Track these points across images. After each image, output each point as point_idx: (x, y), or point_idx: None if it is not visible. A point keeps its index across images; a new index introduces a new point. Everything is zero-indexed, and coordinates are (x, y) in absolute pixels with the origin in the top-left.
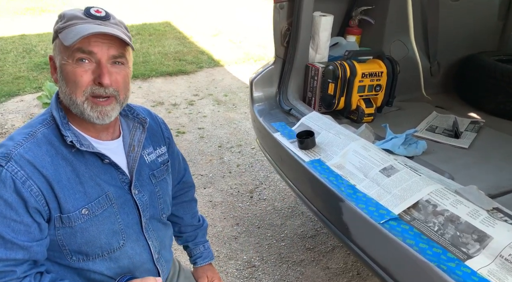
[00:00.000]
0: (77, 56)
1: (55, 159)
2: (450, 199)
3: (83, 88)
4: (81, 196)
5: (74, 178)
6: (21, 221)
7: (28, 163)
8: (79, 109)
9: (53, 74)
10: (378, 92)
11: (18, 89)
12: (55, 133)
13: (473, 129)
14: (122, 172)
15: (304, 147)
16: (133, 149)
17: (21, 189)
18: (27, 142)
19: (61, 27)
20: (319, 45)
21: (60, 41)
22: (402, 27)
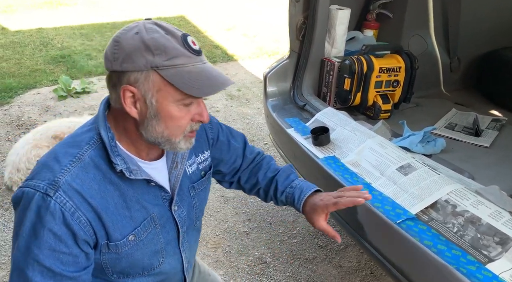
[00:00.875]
0: (187, 102)
1: (102, 185)
2: (470, 200)
3: (184, 129)
4: (127, 222)
5: (121, 203)
6: (70, 252)
7: (76, 192)
8: (171, 146)
9: (129, 107)
10: (396, 88)
11: (35, 82)
12: (102, 156)
13: (495, 128)
14: (165, 190)
15: (319, 144)
16: (176, 165)
17: (70, 221)
18: (75, 167)
19: (165, 65)
20: (336, 39)
21: (162, 79)
22: (421, 21)
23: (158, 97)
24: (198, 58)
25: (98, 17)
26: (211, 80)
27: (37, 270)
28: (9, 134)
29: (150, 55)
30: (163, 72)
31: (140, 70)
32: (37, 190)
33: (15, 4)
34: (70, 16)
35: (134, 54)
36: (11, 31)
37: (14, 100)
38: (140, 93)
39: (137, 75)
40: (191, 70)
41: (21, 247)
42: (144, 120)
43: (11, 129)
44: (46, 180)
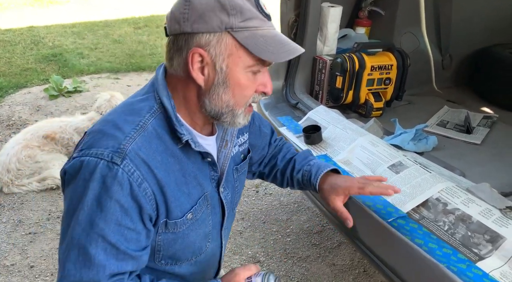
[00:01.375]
0: (255, 69)
1: (164, 157)
2: (461, 197)
3: (248, 99)
4: (186, 199)
5: (181, 177)
6: (134, 228)
7: (142, 162)
8: (232, 119)
9: (196, 72)
10: (388, 86)
11: (25, 81)
12: (164, 126)
13: (486, 125)
14: (215, 169)
15: (311, 142)
16: (226, 144)
17: (138, 193)
18: (139, 135)
19: (240, 27)
20: (327, 37)
21: (235, 42)
22: (413, 19)
23: (228, 62)
24: (269, 23)
25: (90, 15)
26: (285, 45)
27: (101, 247)
28: None
29: (225, 16)
30: (238, 35)
31: (214, 31)
32: (100, 158)
33: (5, 2)
34: (61, 15)
35: (208, 14)
36: (1, 30)
37: (4, 100)
38: (210, 57)
39: (209, 37)
40: (265, 34)
41: (83, 221)
42: (211, 88)
43: (1, 129)
44: (109, 147)
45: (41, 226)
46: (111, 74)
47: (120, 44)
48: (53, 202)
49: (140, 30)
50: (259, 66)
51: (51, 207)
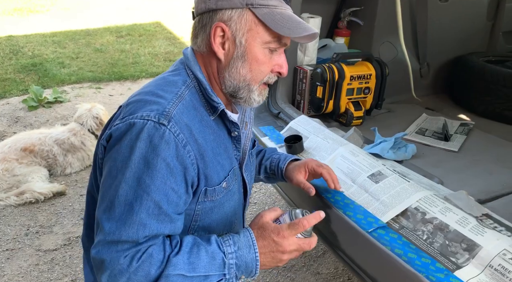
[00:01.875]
0: (273, 46)
1: (202, 126)
2: (439, 206)
3: (264, 77)
4: (220, 168)
5: (216, 147)
6: (177, 190)
7: (186, 126)
8: (248, 94)
9: (217, 46)
10: (367, 95)
11: (4, 91)
12: (198, 98)
13: (463, 132)
14: (238, 148)
15: (292, 152)
16: (246, 125)
17: (183, 154)
18: (180, 102)
19: (260, 4)
20: (307, 48)
21: (254, 18)
22: (391, 29)
23: (247, 37)
24: (286, 5)
25: (72, 24)
26: (300, 23)
27: (145, 206)
28: None
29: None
30: (257, 11)
31: (236, 7)
32: (147, 119)
33: None
34: (42, 23)
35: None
36: None
37: None
38: (231, 32)
39: (231, 13)
40: (282, 13)
41: (130, 179)
42: (230, 61)
43: None
44: (155, 110)
45: (19, 242)
46: (93, 83)
47: (102, 53)
48: (31, 217)
49: (123, 39)
50: (276, 43)
51: (29, 222)
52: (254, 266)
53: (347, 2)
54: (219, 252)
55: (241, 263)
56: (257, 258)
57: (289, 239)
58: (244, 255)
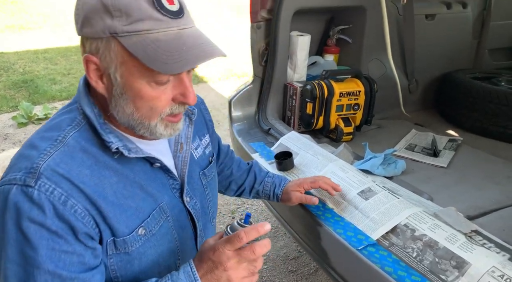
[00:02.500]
0: (160, 79)
1: (95, 171)
2: (428, 223)
3: (161, 112)
4: (133, 213)
5: (121, 190)
6: (73, 251)
7: (62, 178)
8: (148, 130)
9: (95, 81)
10: (357, 111)
11: None
12: (90, 137)
13: (451, 148)
14: (172, 176)
15: (283, 168)
16: (181, 147)
17: (64, 212)
18: (56, 150)
19: (127, 31)
20: (297, 65)
21: (124, 49)
22: (379, 46)
23: (122, 72)
24: (173, 21)
25: (64, 40)
26: (183, 52)
27: (42, 279)
28: None
29: (108, 18)
30: (124, 41)
31: (99, 37)
32: (13, 183)
33: None
34: (34, 40)
35: (92, 17)
36: None
37: None
38: (103, 65)
39: (97, 43)
40: (159, 38)
41: (13, 255)
42: (112, 99)
43: None
44: (23, 169)
45: None
46: None
47: None
48: None
49: None
50: (163, 76)
51: None
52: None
53: (336, 21)
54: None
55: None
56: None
57: (226, 253)
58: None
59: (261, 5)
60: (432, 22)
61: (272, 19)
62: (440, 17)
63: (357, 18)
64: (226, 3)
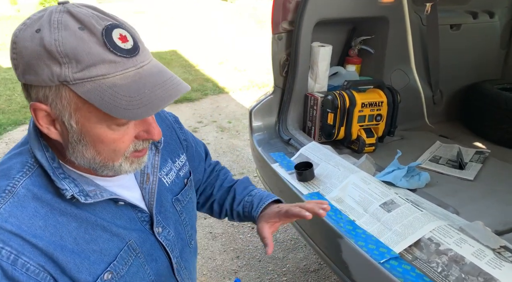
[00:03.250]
0: (119, 122)
1: (50, 220)
2: (454, 237)
3: (124, 151)
4: (97, 258)
5: (82, 235)
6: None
7: (12, 235)
8: (112, 170)
9: (46, 128)
10: (379, 122)
11: (24, 118)
12: (43, 183)
13: (478, 160)
14: (140, 209)
15: (303, 179)
16: (148, 178)
17: (13, 272)
18: (4, 203)
19: (78, 78)
20: (318, 75)
21: (77, 97)
22: (402, 57)
23: (78, 118)
24: (129, 61)
25: None
26: (145, 95)
27: None
28: None
29: (56, 66)
30: (77, 88)
31: (47, 85)
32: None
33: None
34: None
35: (36, 64)
36: (4, 68)
37: (2, 137)
38: (55, 113)
39: (45, 91)
40: (116, 84)
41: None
42: (69, 145)
43: None
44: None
45: None
46: None
47: None
48: None
49: None
50: (123, 120)
51: None
52: None
53: (358, 31)
54: None
55: None
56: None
57: None
58: None
59: (283, 16)
60: (458, 32)
61: (294, 30)
62: (466, 27)
63: (380, 28)
64: (248, 15)
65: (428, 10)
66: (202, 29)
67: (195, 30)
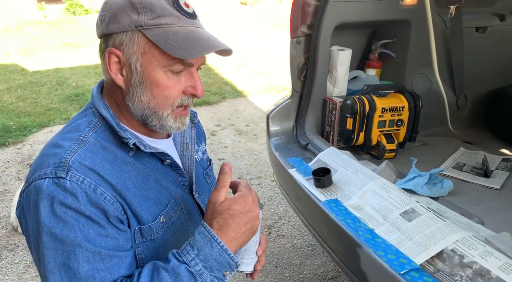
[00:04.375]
0: (175, 68)
1: (115, 165)
2: (478, 249)
3: (173, 101)
4: (153, 203)
5: (140, 183)
6: (107, 234)
7: (90, 170)
8: (160, 122)
9: (114, 73)
10: (400, 127)
11: (48, 120)
12: (107, 137)
13: (505, 168)
14: (181, 173)
15: (320, 185)
16: (187, 147)
17: (95, 198)
18: (80, 148)
19: (151, 24)
20: (337, 79)
21: (147, 40)
22: (424, 60)
23: (143, 62)
24: (189, 20)
25: None
26: (199, 42)
27: (82, 258)
28: (19, 173)
29: (135, 14)
30: (148, 32)
31: (125, 30)
32: (44, 177)
33: (35, 46)
34: (86, 56)
35: (120, 14)
36: (30, 72)
37: (27, 139)
38: (125, 57)
39: (122, 36)
40: (178, 31)
41: (50, 242)
42: (129, 88)
43: (22, 168)
44: (51, 165)
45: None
46: None
47: None
48: None
49: None
50: (178, 65)
51: None
52: (226, 256)
53: (379, 35)
54: (179, 264)
55: (210, 263)
56: (223, 247)
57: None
58: (208, 254)
59: (302, 20)
60: (484, 35)
61: (312, 34)
62: (492, 29)
63: (401, 32)
64: (267, 19)
65: (452, 12)
66: (220, 32)
67: (214, 33)
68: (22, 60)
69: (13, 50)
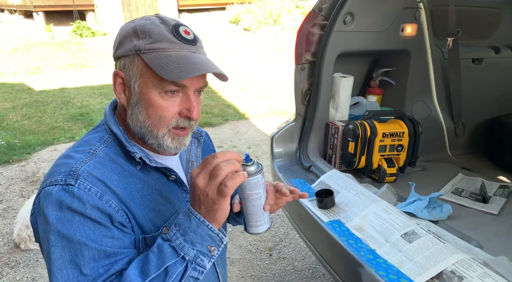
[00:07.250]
0: (168, 89)
1: (122, 177)
2: (477, 271)
3: (168, 122)
4: (156, 215)
5: (146, 194)
6: (113, 235)
7: (97, 180)
8: (156, 141)
9: (119, 93)
10: (400, 152)
11: (53, 138)
12: (116, 151)
13: (503, 194)
14: (186, 189)
15: (323, 206)
16: (192, 164)
17: (101, 204)
18: (90, 160)
19: (148, 49)
20: (340, 105)
21: (144, 63)
22: (423, 89)
23: (140, 83)
24: (186, 46)
25: None
26: (188, 65)
27: (88, 256)
28: (23, 190)
29: (136, 39)
30: (145, 56)
31: (128, 54)
32: (55, 184)
33: (42, 66)
34: (92, 77)
35: (125, 40)
36: (36, 91)
37: (31, 157)
38: (127, 78)
39: (125, 60)
40: (171, 55)
41: (58, 241)
42: (129, 107)
43: (25, 185)
44: (62, 173)
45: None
46: None
47: None
48: None
49: None
50: (171, 86)
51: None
52: (204, 227)
53: (379, 63)
54: (163, 242)
55: (190, 236)
56: (200, 219)
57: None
58: (187, 227)
59: (306, 48)
60: (480, 66)
61: (316, 61)
62: (488, 61)
63: (401, 61)
64: (269, 45)
65: (450, 44)
66: (224, 57)
67: (217, 57)
68: (28, 79)
69: (20, 70)
